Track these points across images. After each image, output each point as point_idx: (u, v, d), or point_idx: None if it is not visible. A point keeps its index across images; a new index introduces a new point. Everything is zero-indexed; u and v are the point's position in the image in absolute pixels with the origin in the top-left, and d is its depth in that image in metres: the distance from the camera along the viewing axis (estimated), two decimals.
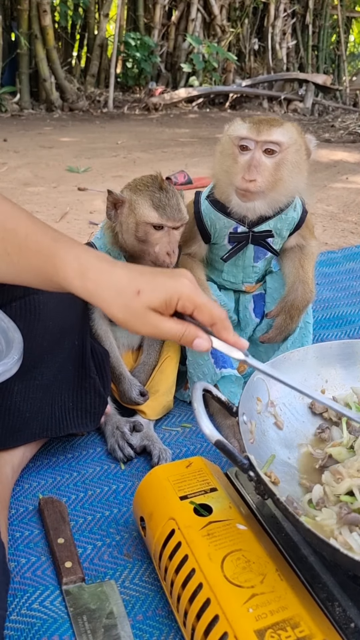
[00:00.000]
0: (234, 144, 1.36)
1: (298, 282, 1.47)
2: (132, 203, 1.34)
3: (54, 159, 4.82)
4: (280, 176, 1.35)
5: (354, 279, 2.47)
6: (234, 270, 1.54)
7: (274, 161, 1.33)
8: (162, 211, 1.31)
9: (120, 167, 4.62)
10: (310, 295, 1.47)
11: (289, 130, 1.35)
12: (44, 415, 1.23)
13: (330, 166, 4.74)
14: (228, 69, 8.59)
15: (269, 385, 1.13)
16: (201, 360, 1.48)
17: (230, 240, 1.48)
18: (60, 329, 1.24)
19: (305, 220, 1.52)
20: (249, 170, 1.32)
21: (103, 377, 1.33)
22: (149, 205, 1.31)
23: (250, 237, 1.45)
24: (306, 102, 8.05)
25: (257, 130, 1.32)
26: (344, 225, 3.25)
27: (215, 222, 1.48)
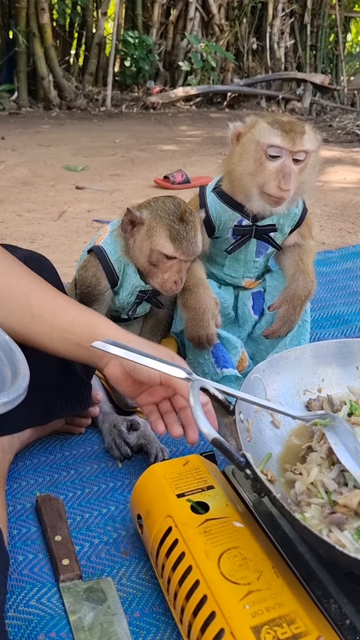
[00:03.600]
0: (262, 149, 1.33)
1: (299, 273, 1.48)
2: (150, 229, 1.33)
3: (52, 158, 4.82)
4: (302, 179, 1.37)
5: (351, 279, 2.48)
6: (236, 265, 1.55)
7: (299, 167, 1.35)
8: (179, 244, 1.31)
9: (118, 166, 4.62)
10: (311, 285, 1.48)
11: (311, 135, 1.36)
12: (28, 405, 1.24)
13: (328, 166, 4.75)
14: (226, 68, 8.59)
15: (266, 384, 1.14)
16: (202, 360, 1.48)
17: (235, 233, 1.48)
18: None
19: (305, 218, 1.53)
20: (285, 180, 1.31)
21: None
22: (166, 235, 1.31)
23: (253, 231, 1.46)
24: (304, 101, 8.05)
25: (292, 140, 1.31)
26: (341, 225, 3.26)
27: (221, 215, 1.48)
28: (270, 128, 1.33)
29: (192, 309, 1.42)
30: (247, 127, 1.38)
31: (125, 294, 1.42)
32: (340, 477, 0.93)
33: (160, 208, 1.34)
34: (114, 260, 1.39)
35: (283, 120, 1.35)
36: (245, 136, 1.38)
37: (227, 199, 1.46)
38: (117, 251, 1.40)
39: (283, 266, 1.57)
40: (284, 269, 1.56)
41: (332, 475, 0.93)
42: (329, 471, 0.94)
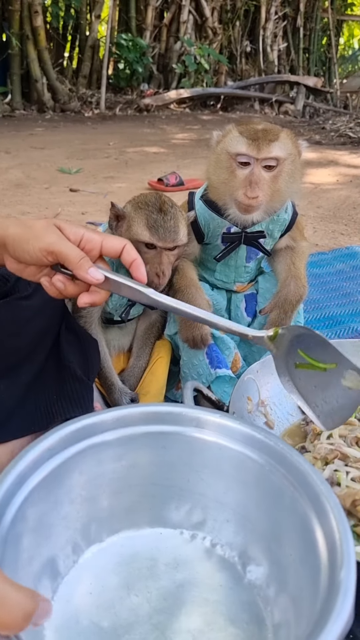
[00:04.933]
0: (231, 158, 1.34)
1: (290, 278, 1.49)
2: (130, 220, 1.34)
3: (46, 160, 4.82)
4: (277, 187, 1.36)
5: (344, 280, 2.49)
6: (226, 270, 1.55)
7: (273, 174, 1.34)
8: (155, 231, 1.31)
9: (112, 168, 4.63)
10: (302, 290, 1.48)
11: (286, 142, 1.35)
12: (29, 411, 1.24)
13: (321, 168, 4.77)
14: (220, 70, 8.63)
15: (260, 384, 1.14)
16: (196, 361, 1.49)
17: (224, 240, 1.49)
18: (43, 329, 1.27)
19: (295, 222, 1.53)
20: (251, 187, 1.31)
21: (87, 363, 1.34)
22: (143, 224, 1.31)
23: (242, 238, 1.46)
24: (297, 104, 8.10)
25: (257, 147, 1.31)
26: (334, 226, 3.27)
27: (209, 222, 1.48)
28: (239, 137, 1.34)
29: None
30: (222, 135, 1.40)
31: (117, 295, 1.42)
32: (333, 477, 0.94)
33: (142, 201, 1.35)
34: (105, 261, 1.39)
35: (256, 128, 1.35)
36: (218, 145, 1.39)
37: (214, 206, 1.46)
38: None
39: (275, 270, 1.57)
40: (276, 272, 1.56)
41: (325, 475, 0.94)
42: (322, 471, 0.95)
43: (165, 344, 1.56)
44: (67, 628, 0.70)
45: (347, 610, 0.56)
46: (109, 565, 0.79)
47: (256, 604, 0.76)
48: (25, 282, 1.29)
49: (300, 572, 0.70)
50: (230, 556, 0.81)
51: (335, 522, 0.66)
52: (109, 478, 0.81)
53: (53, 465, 0.74)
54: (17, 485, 0.69)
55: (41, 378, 1.29)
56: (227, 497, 0.83)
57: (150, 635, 0.70)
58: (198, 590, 0.77)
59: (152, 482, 0.84)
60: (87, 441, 0.79)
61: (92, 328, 1.45)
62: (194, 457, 0.83)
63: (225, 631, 0.71)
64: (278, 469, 0.76)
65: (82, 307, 0.99)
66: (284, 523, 0.75)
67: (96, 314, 1.44)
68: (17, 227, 0.94)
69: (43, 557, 0.73)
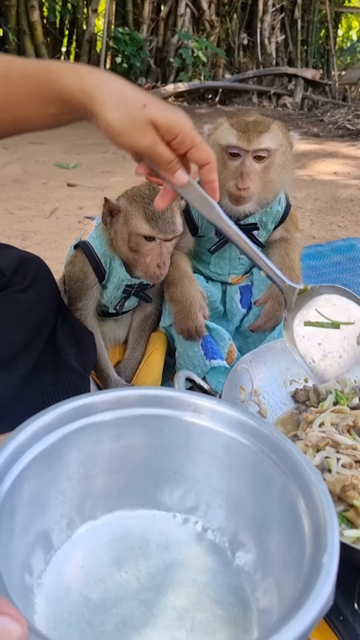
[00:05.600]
0: (223, 150, 1.35)
1: (284, 269, 1.50)
2: (127, 214, 1.34)
3: (44, 155, 4.82)
4: (269, 179, 1.37)
5: (340, 272, 2.50)
6: (221, 262, 1.56)
7: (264, 166, 1.35)
8: (154, 223, 1.31)
9: (110, 163, 4.63)
10: (296, 282, 1.49)
11: (276, 133, 1.36)
12: (26, 402, 1.26)
13: (319, 160, 4.76)
14: (217, 64, 8.60)
15: (253, 374, 1.15)
16: (191, 353, 1.50)
17: (217, 233, 1.50)
18: (39, 321, 1.28)
19: (289, 213, 1.54)
20: (242, 178, 1.32)
21: (83, 355, 1.35)
22: (141, 217, 1.32)
23: None
24: (295, 96, 8.07)
25: (247, 139, 1.32)
26: (331, 219, 3.28)
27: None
28: (229, 129, 1.35)
29: (178, 302, 1.43)
30: (213, 128, 1.40)
31: (112, 287, 1.43)
32: (324, 464, 0.95)
33: (136, 194, 1.35)
34: (100, 254, 1.40)
35: (247, 120, 1.36)
36: (210, 138, 1.40)
37: None
38: (103, 245, 1.41)
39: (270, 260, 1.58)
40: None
41: (316, 461, 0.95)
42: (313, 458, 0.96)
43: (161, 336, 1.58)
44: (58, 598, 0.72)
45: (326, 591, 0.57)
46: (101, 542, 0.80)
47: (243, 588, 0.77)
48: (21, 276, 1.30)
49: (287, 559, 0.71)
50: (220, 541, 0.83)
51: (323, 509, 0.67)
52: (106, 457, 0.83)
53: (51, 440, 0.76)
54: (16, 456, 0.70)
55: (38, 370, 1.30)
56: (221, 483, 0.84)
57: (137, 610, 0.72)
58: (187, 571, 0.78)
59: (147, 465, 0.85)
60: (86, 419, 0.80)
61: (88, 321, 1.46)
62: (190, 442, 0.84)
63: (211, 611, 0.73)
64: (271, 456, 0.77)
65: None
66: (274, 510, 0.76)
67: (91, 307, 1.45)
68: (116, 114, 0.86)
69: (38, 529, 0.75)
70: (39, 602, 0.72)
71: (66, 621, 0.72)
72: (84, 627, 0.72)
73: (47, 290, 1.34)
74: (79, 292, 1.42)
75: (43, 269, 1.34)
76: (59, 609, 0.73)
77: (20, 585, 0.70)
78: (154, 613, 0.73)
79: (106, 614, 0.73)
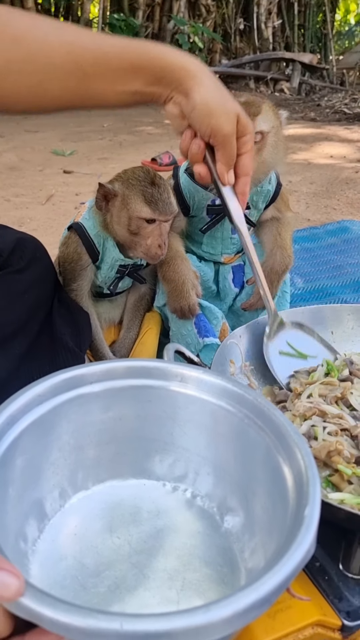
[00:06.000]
0: None
1: (276, 248, 1.51)
2: (125, 198, 1.35)
3: (40, 143, 4.82)
4: (262, 159, 1.38)
5: (335, 254, 2.52)
6: (213, 242, 1.58)
7: (257, 147, 1.35)
8: (155, 206, 1.33)
9: (106, 150, 4.63)
10: (288, 260, 1.51)
11: (268, 114, 1.36)
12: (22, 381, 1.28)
13: (315, 144, 4.76)
14: (214, 49, 8.55)
15: (242, 349, 1.17)
16: (184, 331, 1.52)
17: (209, 212, 1.51)
18: (36, 302, 1.30)
19: (280, 193, 1.55)
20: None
21: (79, 335, 1.37)
22: (141, 200, 1.33)
23: None
24: (293, 81, 8.03)
25: None
26: (327, 202, 3.29)
27: (194, 195, 1.51)
28: None
29: (171, 281, 1.45)
30: None
31: (106, 267, 1.45)
32: (310, 432, 0.98)
33: (131, 177, 1.36)
34: (93, 235, 1.42)
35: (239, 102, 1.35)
36: None
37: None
38: (96, 226, 1.42)
39: (261, 240, 1.60)
40: (262, 243, 1.59)
41: (303, 430, 0.97)
42: (299, 427, 0.99)
43: (155, 316, 1.60)
44: (52, 564, 0.75)
45: (308, 541, 0.60)
46: (94, 511, 0.83)
47: (231, 550, 0.79)
48: (18, 257, 1.32)
49: (271, 520, 0.73)
50: (209, 507, 0.85)
51: (305, 468, 0.69)
52: (97, 429, 0.85)
53: (42, 411, 0.77)
54: (8, 426, 0.72)
55: (34, 350, 1.32)
56: (208, 451, 0.87)
57: (130, 572, 0.75)
58: (177, 535, 0.81)
59: (137, 435, 0.87)
60: (75, 391, 0.82)
61: (83, 301, 1.48)
62: (177, 412, 0.86)
63: (200, 572, 0.75)
64: (256, 421, 0.79)
65: None
66: (259, 474, 0.78)
67: (86, 287, 1.47)
68: (211, 94, 0.96)
69: (31, 499, 0.77)
70: (34, 567, 0.75)
71: (60, 584, 0.74)
72: (78, 589, 0.74)
73: (43, 271, 1.35)
74: (73, 273, 1.44)
75: (40, 250, 1.36)
76: (54, 573, 0.75)
77: (14, 551, 0.72)
78: (145, 575, 0.75)
79: (99, 577, 0.75)
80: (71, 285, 1.46)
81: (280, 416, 0.77)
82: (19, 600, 0.51)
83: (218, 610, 0.52)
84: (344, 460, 0.92)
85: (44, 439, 0.79)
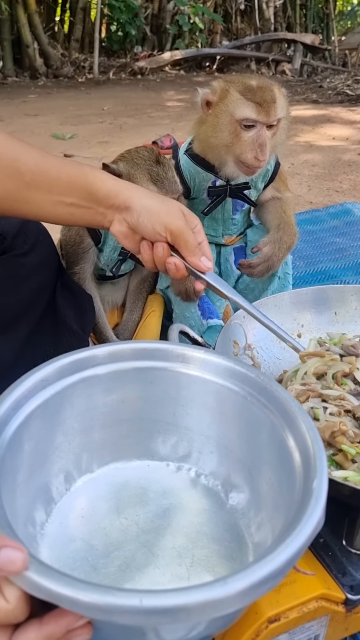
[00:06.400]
0: (236, 121, 1.32)
1: (282, 224, 1.50)
2: (131, 177, 1.34)
3: (40, 127, 4.78)
4: (274, 143, 1.38)
5: (337, 236, 2.51)
6: (214, 224, 1.58)
7: (272, 132, 1.35)
8: (161, 184, 1.32)
9: (107, 133, 4.59)
10: (294, 237, 1.50)
11: (282, 99, 1.35)
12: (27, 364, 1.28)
13: (317, 127, 4.72)
14: (214, 30, 8.44)
15: (246, 329, 1.18)
16: (188, 314, 1.52)
17: (210, 194, 1.50)
18: (40, 285, 1.30)
19: (278, 172, 1.55)
20: (262, 151, 1.31)
21: (82, 318, 1.38)
22: (147, 179, 1.32)
23: (228, 191, 1.48)
24: (294, 63, 7.94)
25: (266, 113, 1.30)
26: (329, 184, 3.27)
27: (194, 176, 1.50)
28: (243, 100, 1.31)
29: None
30: (217, 96, 1.36)
31: (108, 250, 1.45)
32: (310, 414, 0.98)
33: (135, 157, 1.35)
34: None
35: (253, 87, 1.32)
36: (217, 107, 1.35)
37: (199, 160, 1.47)
38: None
39: (266, 219, 1.59)
40: (267, 221, 1.58)
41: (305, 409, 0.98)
42: None
43: (158, 298, 1.60)
44: (61, 546, 0.75)
45: (318, 512, 0.60)
46: (99, 493, 0.84)
47: (238, 526, 0.80)
48: (22, 240, 1.32)
49: (277, 495, 0.74)
50: (213, 485, 0.86)
51: (311, 442, 0.70)
52: (100, 412, 0.85)
53: (47, 396, 0.77)
54: (14, 411, 0.72)
55: (38, 333, 1.33)
56: (211, 430, 0.87)
57: (139, 552, 0.75)
58: (183, 514, 0.81)
59: (140, 417, 0.88)
60: (79, 374, 0.82)
61: (86, 284, 1.48)
62: (180, 392, 0.87)
63: (209, 548, 0.76)
64: (259, 399, 0.80)
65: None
66: (263, 450, 0.79)
67: (89, 270, 1.47)
68: (150, 199, 1.01)
69: (37, 482, 0.77)
70: (43, 550, 0.75)
71: (70, 566, 0.74)
72: (88, 570, 0.75)
73: (47, 254, 1.35)
74: (76, 256, 1.44)
75: (43, 233, 1.35)
76: (63, 556, 0.76)
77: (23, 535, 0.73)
78: (154, 553, 0.76)
79: (109, 557, 0.76)
80: (74, 269, 1.46)
81: (283, 392, 0.77)
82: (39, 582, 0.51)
83: (235, 582, 0.53)
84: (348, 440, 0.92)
85: (49, 423, 0.79)
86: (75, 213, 1.03)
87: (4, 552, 0.52)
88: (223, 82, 1.38)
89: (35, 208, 1.03)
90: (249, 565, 0.55)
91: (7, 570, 0.52)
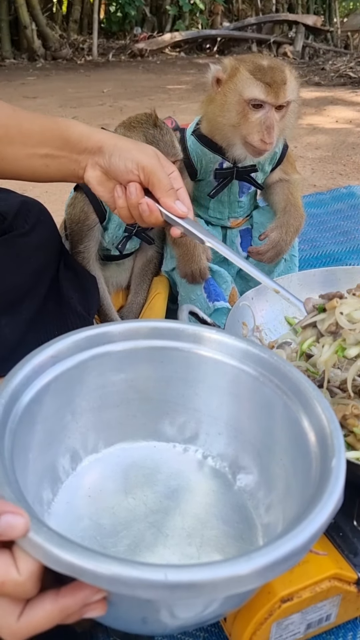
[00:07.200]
0: (245, 101, 1.30)
1: (289, 206, 1.48)
2: None
3: (39, 109, 4.72)
4: (283, 126, 1.36)
5: (341, 219, 2.49)
6: (220, 207, 1.55)
7: (281, 115, 1.32)
8: (156, 146, 1.30)
9: (107, 116, 4.54)
10: (301, 219, 1.48)
11: (292, 82, 1.32)
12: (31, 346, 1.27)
13: (320, 109, 4.67)
14: (215, 11, 8.32)
15: (255, 311, 1.17)
16: (194, 296, 1.51)
17: (216, 176, 1.48)
18: (42, 266, 1.29)
19: (286, 155, 1.52)
20: (269, 133, 1.29)
21: (87, 299, 1.36)
22: (142, 141, 1.31)
23: (235, 173, 1.46)
24: (296, 45, 7.83)
25: (276, 94, 1.27)
26: (332, 167, 3.23)
27: (201, 158, 1.48)
28: (252, 80, 1.28)
29: (182, 245, 1.43)
30: (227, 74, 1.33)
31: (113, 226, 1.43)
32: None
33: (133, 121, 1.34)
34: None
35: (264, 67, 1.29)
36: (226, 85, 1.32)
37: (206, 141, 1.44)
38: None
39: (273, 201, 1.57)
40: (274, 203, 1.56)
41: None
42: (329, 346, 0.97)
43: (163, 280, 1.58)
44: (69, 525, 0.75)
45: (338, 489, 0.60)
46: (106, 473, 0.83)
47: (246, 507, 0.80)
48: (22, 220, 1.30)
49: (291, 475, 0.73)
50: (221, 466, 0.85)
51: (327, 421, 0.69)
52: (108, 391, 0.84)
53: (57, 372, 0.76)
54: (24, 386, 0.71)
55: (42, 314, 1.31)
56: (220, 411, 0.86)
57: (148, 531, 0.75)
58: (191, 494, 0.81)
59: (148, 397, 0.87)
60: (92, 350, 0.80)
61: (90, 265, 1.47)
62: (189, 372, 0.85)
63: (218, 529, 0.76)
64: (272, 379, 0.79)
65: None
66: (276, 431, 0.78)
67: (93, 249, 1.45)
68: (122, 140, 0.99)
69: (45, 461, 0.77)
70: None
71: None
72: (97, 548, 0.74)
73: (48, 234, 1.34)
74: (81, 234, 1.42)
75: (44, 214, 1.34)
76: (72, 535, 0.74)
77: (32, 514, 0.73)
78: (164, 533, 0.76)
79: (118, 536, 0.75)
80: (78, 247, 1.44)
81: (296, 372, 0.76)
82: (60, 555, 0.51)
83: (260, 557, 0.52)
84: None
85: (57, 402, 0.78)
86: (50, 164, 1.02)
87: (4, 518, 0.52)
88: (234, 60, 1.35)
89: (10, 163, 1.02)
90: (273, 540, 0.54)
91: (8, 535, 0.52)
